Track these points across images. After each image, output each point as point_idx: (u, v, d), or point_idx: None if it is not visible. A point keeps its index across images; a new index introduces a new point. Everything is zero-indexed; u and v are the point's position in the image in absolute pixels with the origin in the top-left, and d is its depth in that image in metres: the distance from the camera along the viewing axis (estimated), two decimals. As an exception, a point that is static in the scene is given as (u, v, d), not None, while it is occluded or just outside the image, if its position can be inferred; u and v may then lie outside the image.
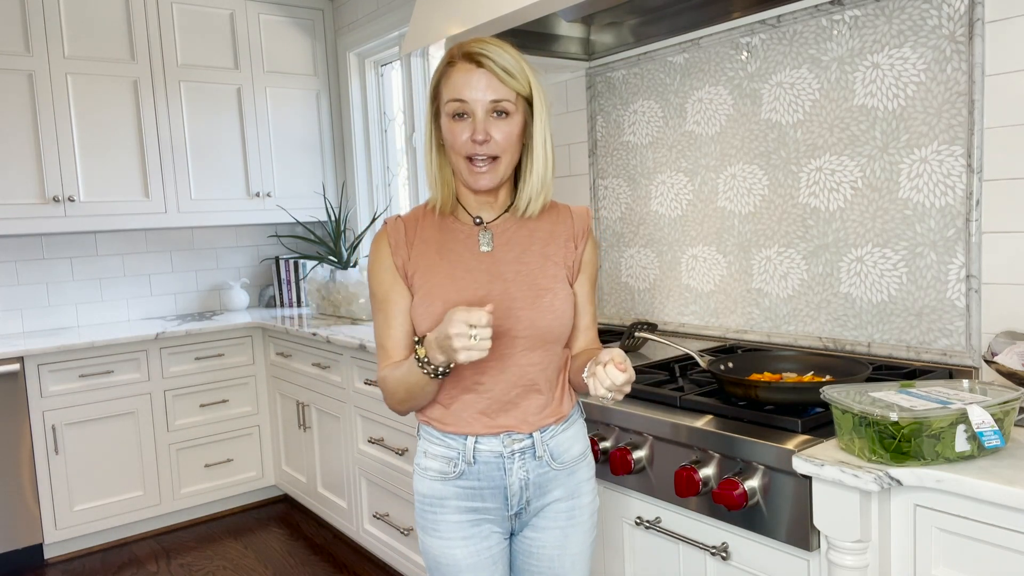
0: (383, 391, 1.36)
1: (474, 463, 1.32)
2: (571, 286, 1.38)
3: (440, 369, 1.22)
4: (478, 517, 1.34)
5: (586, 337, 1.42)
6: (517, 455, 1.32)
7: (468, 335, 1.12)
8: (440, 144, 1.32)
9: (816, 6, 1.85)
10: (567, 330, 1.35)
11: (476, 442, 1.32)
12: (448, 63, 1.28)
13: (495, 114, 1.26)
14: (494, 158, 1.27)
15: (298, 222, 3.94)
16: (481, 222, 1.35)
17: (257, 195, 3.81)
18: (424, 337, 1.24)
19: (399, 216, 1.38)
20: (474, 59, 1.25)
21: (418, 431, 1.42)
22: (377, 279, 1.35)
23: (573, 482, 1.37)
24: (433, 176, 1.33)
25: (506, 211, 1.37)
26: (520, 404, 1.32)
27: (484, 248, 1.33)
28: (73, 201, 3.31)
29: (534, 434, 1.33)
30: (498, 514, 1.35)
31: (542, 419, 1.34)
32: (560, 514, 1.37)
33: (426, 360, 1.22)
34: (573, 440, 1.38)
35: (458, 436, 1.33)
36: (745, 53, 2.03)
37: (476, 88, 1.24)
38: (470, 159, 1.27)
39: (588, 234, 1.40)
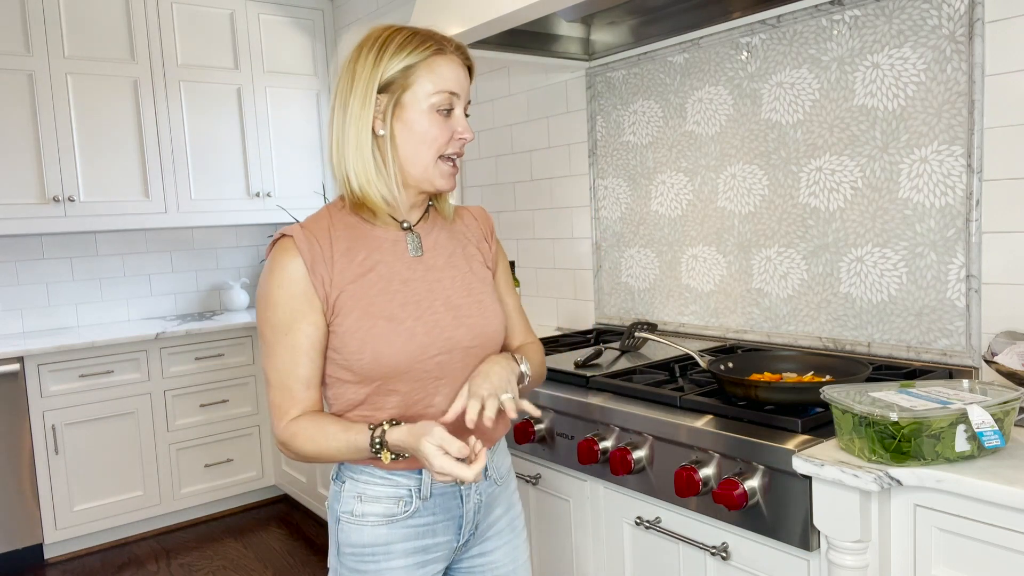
0: (290, 448, 1.14)
1: (429, 497, 1.20)
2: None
3: (404, 456, 1.11)
4: (426, 557, 1.22)
5: (519, 324, 1.39)
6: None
7: (452, 477, 1.02)
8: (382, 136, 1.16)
9: (816, 6, 1.85)
10: (505, 330, 1.30)
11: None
12: (437, 50, 1.16)
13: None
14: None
15: (298, 222, 3.93)
16: (409, 227, 1.23)
17: (257, 195, 3.81)
18: (380, 433, 1.09)
19: (302, 226, 1.17)
20: (463, 54, 1.21)
21: (338, 474, 1.23)
22: (283, 306, 1.12)
23: (508, 493, 1.34)
24: (379, 168, 1.15)
25: (424, 214, 1.27)
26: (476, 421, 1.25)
27: (414, 253, 1.21)
28: (73, 201, 3.31)
29: (487, 453, 1.24)
30: (447, 547, 1.24)
31: (496, 433, 1.28)
32: (504, 529, 1.32)
33: (392, 457, 1.10)
34: (504, 452, 1.35)
35: (411, 472, 1.19)
36: (745, 53, 2.03)
37: (464, 86, 1.19)
38: (448, 158, 1.18)
39: (493, 230, 1.38)
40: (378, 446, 1.09)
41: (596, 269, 2.60)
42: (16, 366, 3.02)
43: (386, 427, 1.10)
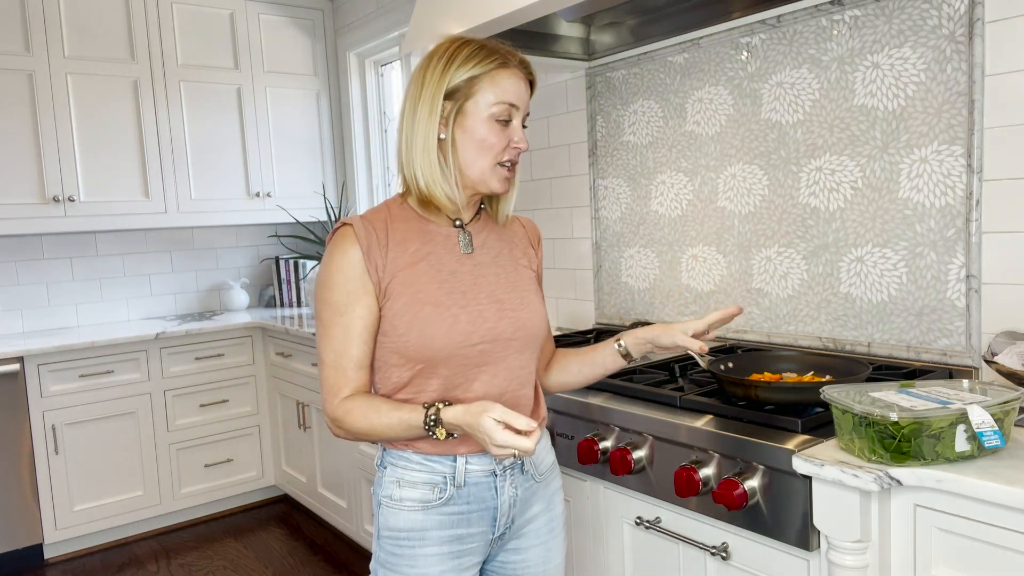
0: (342, 425, 1.21)
1: (464, 485, 1.24)
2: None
3: (456, 435, 1.16)
4: (460, 548, 1.25)
5: (550, 338, 1.47)
6: (508, 472, 1.27)
7: (512, 454, 1.08)
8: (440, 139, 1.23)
9: (816, 6, 1.85)
10: (547, 330, 1.37)
11: (467, 462, 1.24)
12: (501, 64, 1.22)
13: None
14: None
15: (298, 222, 3.93)
16: (462, 224, 1.30)
17: (257, 195, 3.81)
18: (434, 411, 1.15)
19: (362, 216, 1.25)
20: (526, 68, 1.26)
21: (382, 460, 1.30)
22: (341, 288, 1.20)
23: (549, 493, 1.36)
24: (444, 170, 1.22)
25: (476, 215, 1.34)
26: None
27: (465, 250, 1.29)
28: (73, 201, 3.31)
29: None
30: (482, 539, 1.27)
31: None
32: (541, 529, 1.34)
33: (446, 436, 1.15)
34: (547, 450, 1.38)
35: (446, 458, 1.24)
36: (745, 53, 2.03)
37: (524, 98, 1.25)
38: (504, 164, 1.25)
39: (540, 240, 1.45)
40: (432, 423, 1.14)
41: (596, 269, 2.60)
42: (16, 366, 3.02)
43: (440, 406, 1.16)
